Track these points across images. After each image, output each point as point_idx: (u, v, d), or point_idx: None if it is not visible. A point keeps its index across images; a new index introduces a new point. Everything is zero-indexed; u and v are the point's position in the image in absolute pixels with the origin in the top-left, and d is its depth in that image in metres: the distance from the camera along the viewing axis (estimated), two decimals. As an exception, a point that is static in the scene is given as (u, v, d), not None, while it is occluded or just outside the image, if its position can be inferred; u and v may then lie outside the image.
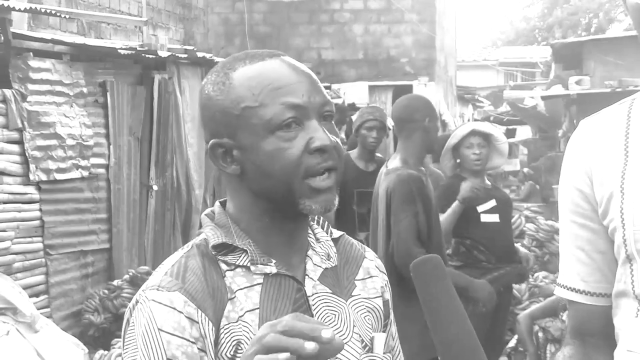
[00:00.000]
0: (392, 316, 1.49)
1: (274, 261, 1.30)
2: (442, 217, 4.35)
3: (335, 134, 1.30)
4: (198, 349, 1.21)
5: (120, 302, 6.23)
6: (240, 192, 1.32)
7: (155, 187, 7.35)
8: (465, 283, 4.09)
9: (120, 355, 4.95)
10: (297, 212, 1.28)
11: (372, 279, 1.43)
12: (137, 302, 1.24)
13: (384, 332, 1.42)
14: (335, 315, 1.32)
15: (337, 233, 1.44)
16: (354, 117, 12.23)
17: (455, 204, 4.45)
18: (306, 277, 1.32)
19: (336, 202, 1.30)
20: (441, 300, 1.34)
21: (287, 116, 1.25)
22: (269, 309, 1.27)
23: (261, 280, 1.29)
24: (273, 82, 1.26)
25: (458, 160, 4.70)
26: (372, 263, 1.46)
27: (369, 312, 1.39)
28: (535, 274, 6.70)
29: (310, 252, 1.36)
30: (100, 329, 6.20)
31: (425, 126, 3.93)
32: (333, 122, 1.32)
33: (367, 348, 1.34)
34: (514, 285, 5.08)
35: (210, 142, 1.30)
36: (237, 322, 1.24)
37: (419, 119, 3.94)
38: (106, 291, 6.40)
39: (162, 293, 1.22)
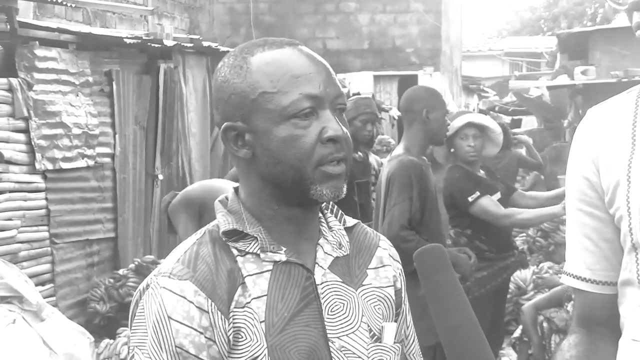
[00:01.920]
0: (407, 305, 1.48)
1: (284, 249, 1.30)
2: (537, 213, 4.37)
3: (346, 126, 1.31)
4: (206, 337, 1.22)
5: (125, 291, 6.24)
6: (250, 176, 1.32)
7: (160, 177, 7.36)
8: (453, 258, 4.08)
9: (125, 344, 4.96)
10: (306, 199, 1.29)
11: (385, 268, 1.43)
12: (147, 285, 1.26)
13: (395, 321, 1.42)
14: (343, 304, 1.33)
15: (351, 221, 1.45)
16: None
17: (558, 208, 4.27)
18: (316, 265, 1.33)
19: (344, 190, 1.31)
20: (444, 289, 1.35)
21: (305, 106, 1.26)
22: (276, 296, 1.28)
23: (271, 267, 1.29)
24: (291, 70, 1.27)
25: (452, 150, 4.69)
26: (385, 252, 1.46)
27: (380, 301, 1.39)
28: (540, 265, 6.71)
29: (321, 241, 1.36)
30: (106, 318, 6.22)
31: (422, 117, 3.95)
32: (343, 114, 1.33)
33: (376, 338, 1.34)
34: (516, 274, 5.09)
35: (224, 124, 1.31)
36: (243, 308, 1.25)
37: (417, 109, 3.98)
38: (112, 280, 6.42)
39: (173, 281, 1.23)
